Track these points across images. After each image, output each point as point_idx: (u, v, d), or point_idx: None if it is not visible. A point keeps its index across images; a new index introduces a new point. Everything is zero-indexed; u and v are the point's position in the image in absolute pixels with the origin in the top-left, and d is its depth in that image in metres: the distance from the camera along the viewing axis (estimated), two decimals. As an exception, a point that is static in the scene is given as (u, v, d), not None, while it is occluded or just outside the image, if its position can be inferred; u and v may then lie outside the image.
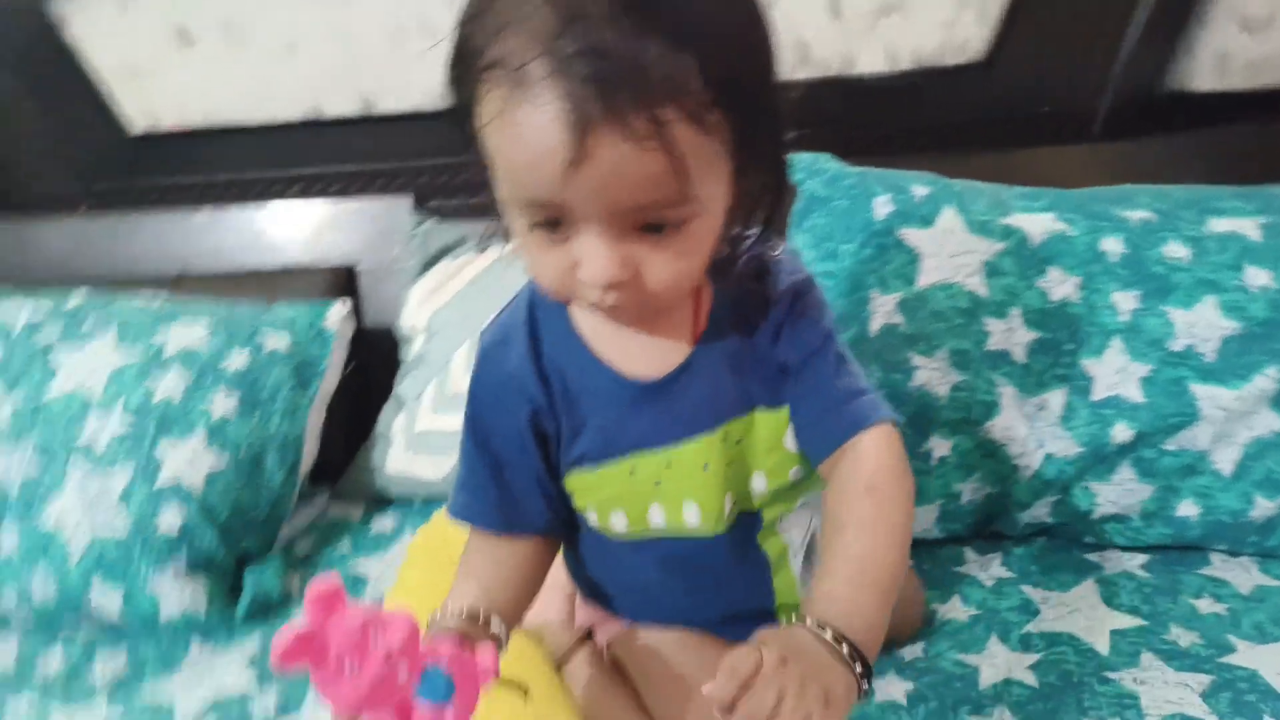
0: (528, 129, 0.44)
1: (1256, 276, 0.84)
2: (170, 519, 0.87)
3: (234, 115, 1.31)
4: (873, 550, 0.53)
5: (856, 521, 0.54)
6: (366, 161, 1.35)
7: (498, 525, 0.60)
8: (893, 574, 0.53)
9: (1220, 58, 1.21)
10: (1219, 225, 0.87)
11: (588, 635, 0.71)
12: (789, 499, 0.63)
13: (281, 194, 1.34)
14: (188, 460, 0.90)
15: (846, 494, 0.56)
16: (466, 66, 0.46)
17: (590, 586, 0.70)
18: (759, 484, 0.61)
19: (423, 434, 1.06)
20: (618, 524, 0.61)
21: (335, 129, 1.32)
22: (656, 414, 0.58)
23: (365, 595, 0.90)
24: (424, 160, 1.34)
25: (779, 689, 0.43)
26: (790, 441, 0.60)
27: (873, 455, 0.56)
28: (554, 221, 0.47)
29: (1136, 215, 0.89)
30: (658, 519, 0.61)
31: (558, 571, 0.75)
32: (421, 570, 0.81)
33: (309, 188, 1.35)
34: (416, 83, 1.27)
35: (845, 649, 0.47)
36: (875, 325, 0.89)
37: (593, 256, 0.47)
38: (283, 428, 0.98)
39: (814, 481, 0.63)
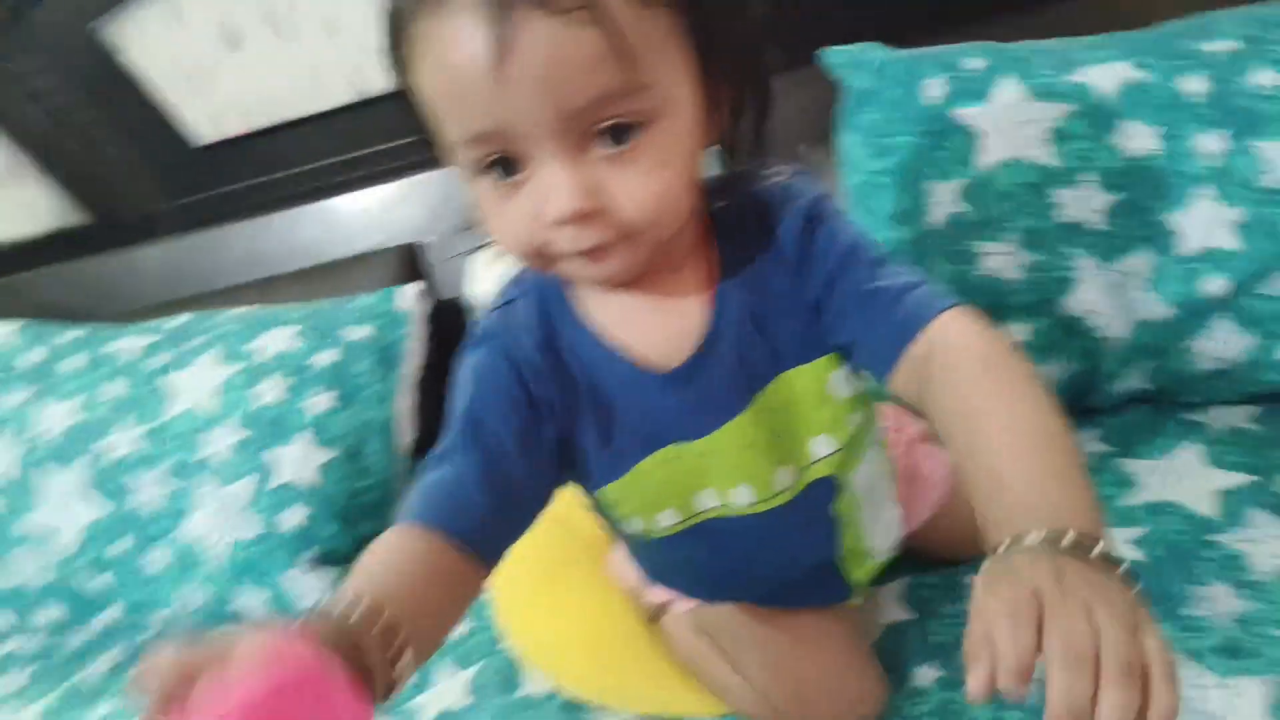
0: (448, 45, 0.41)
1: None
2: (294, 517, 0.95)
3: (291, 109, 1.34)
4: (1036, 422, 0.40)
5: (994, 403, 0.42)
6: (416, 135, 1.37)
7: (473, 539, 0.46)
8: (1069, 439, 0.40)
9: None
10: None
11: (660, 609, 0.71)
12: (857, 451, 0.58)
13: (351, 179, 1.39)
14: (299, 458, 0.97)
15: (960, 385, 0.43)
16: (396, 32, 0.44)
17: (651, 574, 0.68)
18: (821, 447, 0.55)
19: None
20: (665, 520, 0.57)
21: (384, 106, 1.35)
22: (685, 402, 0.53)
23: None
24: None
25: (1074, 627, 0.31)
26: (839, 388, 0.54)
27: (966, 335, 0.45)
28: (505, 162, 0.43)
29: (1221, 47, 0.80)
30: (710, 501, 0.56)
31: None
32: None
33: (374, 168, 1.39)
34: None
35: (1097, 550, 0.34)
36: (938, 217, 0.85)
37: (553, 186, 0.43)
38: (378, 414, 1.04)
39: (871, 421, 0.60)
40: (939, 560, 0.73)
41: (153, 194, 1.46)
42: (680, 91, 0.44)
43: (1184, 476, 0.76)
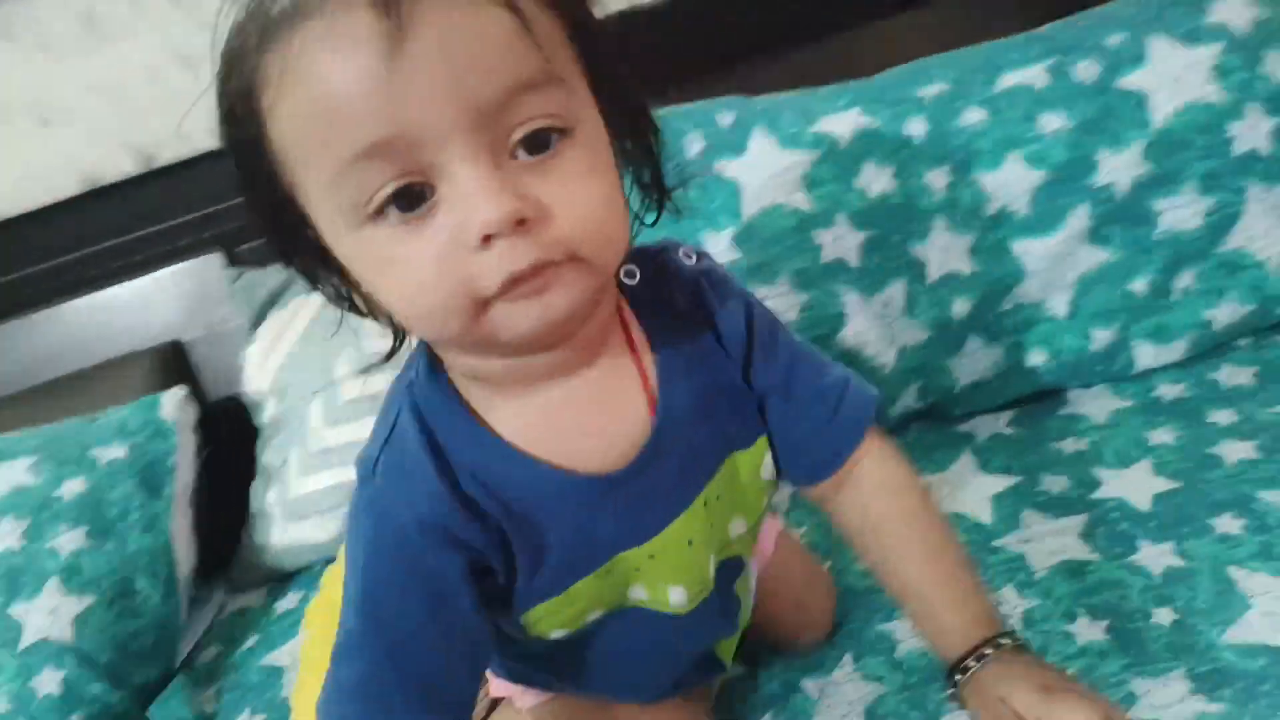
0: (322, 51, 0.34)
1: (1050, 122, 0.85)
2: (49, 681, 0.81)
3: (4, 207, 1.18)
4: (947, 550, 0.52)
5: (909, 534, 0.52)
6: (161, 221, 1.25)
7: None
8: (964, 553, 0.53)
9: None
10: (1009, 80, 0.88)
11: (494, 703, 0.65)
12: (756, 529, 0.55)
13: (81, 279, 1.24)
14: (49, 612, 0.83)
15: (878, 516, 0.52)
16: (242, 72, 0.37)
17: (514, 669, 0.60)
18: (737, 528, 0.52)
19: (300, 499, 1.01)
20: (590, 619, 0.50)
21: (119, 194, 1.22)
22: (629, 507, 0.46)
23: (283, 687, 0.87)
24: (224, 204, 1.25)
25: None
26: (767, 470, 0.52)
27: (883, 463, 0.53)
28: (405, 193, 0.35)
29: (932, 90, 0.89)
30: (638, 594, 0.50)
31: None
32: (319, 641, 0.78)
33: (110, 264, 1.25)
34: (194, 123, 1.17)
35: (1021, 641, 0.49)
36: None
37: (474, 193, 0.35)
38: (145, 543, 0.92)
39: None
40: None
41: None
42: (588, 104, 0.39)
43: (960, 486, 0.82)
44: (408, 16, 0.33)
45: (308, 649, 0.82)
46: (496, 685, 0.64)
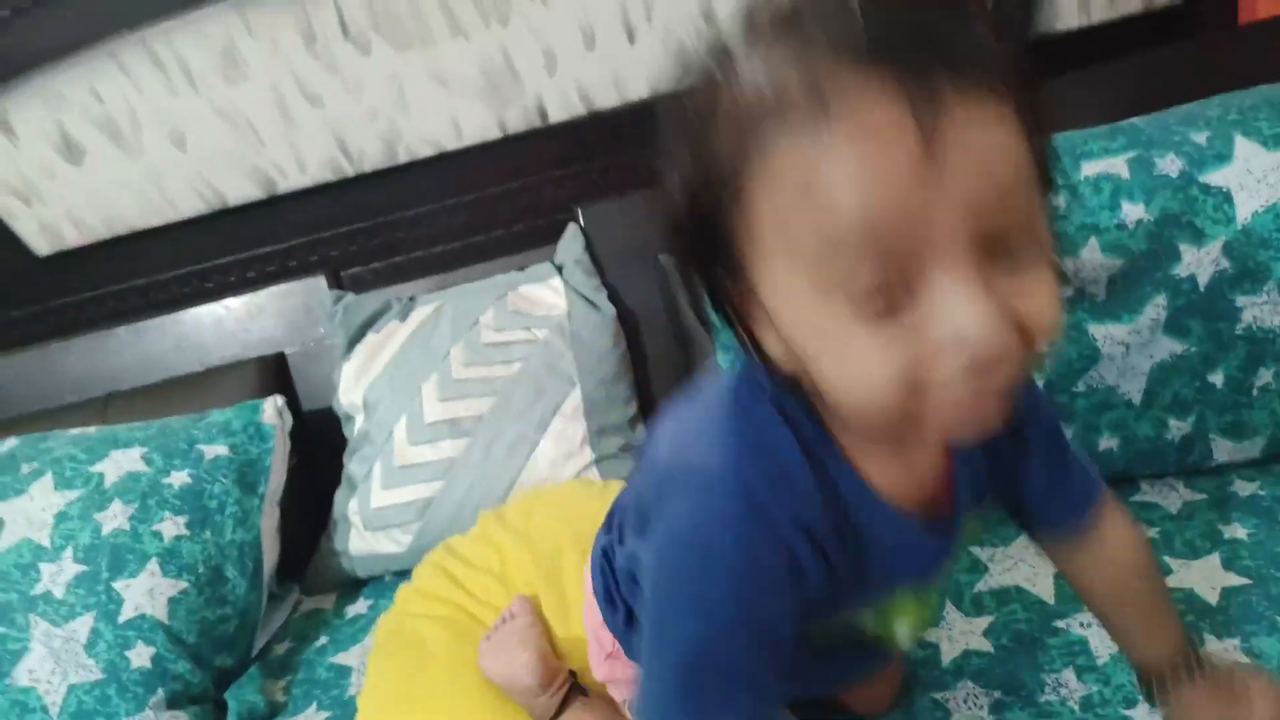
0: (857, 135, 0.33)
1: (1131, 211, 0.87)
2: (140, 654, 0.87)
3: (136, 220, 1.30)
4: (1162, 597, 0.61)
5: (1149, 581, 0.60)
6: (276, 242, 1.35)
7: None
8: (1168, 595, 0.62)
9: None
10: (1091, 169, 0.90)
11: (569, 690, 0.71)
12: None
13: (200, 290, 1.34)
14: (147, 591, 0.90)
15: (1135, 561, 0.59)
16: (715, 124, 0.37)
17: None
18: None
19: (379, 510, 1.07)
20: (871, 630, 0.54)
21: (240, 215, 1.33)
22: (930, 550, 0.49)
23: (350, 687, 0.91)
24: (334, 230, 1.34)
25: None
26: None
27: (1121, 524, 0.59)
28: (885, 288, 0.34)
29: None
30: (867, 625, 0.53)
31: (526, 633, 0.77)
32: (388, 659, 0.83)
33: (226, 279, 1.35)
34: (312, 154, 1.27)
35: None
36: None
37: (962, 305, 0.33)
38: (237, 536, 0.98)
39: None
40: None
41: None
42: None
43: (1023, 561, 0.82)
44: (943, 123, 0.32)
45: (374, 658, 0.86)
46: (604, 669, 0.64)
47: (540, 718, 0.71)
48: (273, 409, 1.10)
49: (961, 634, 0.77)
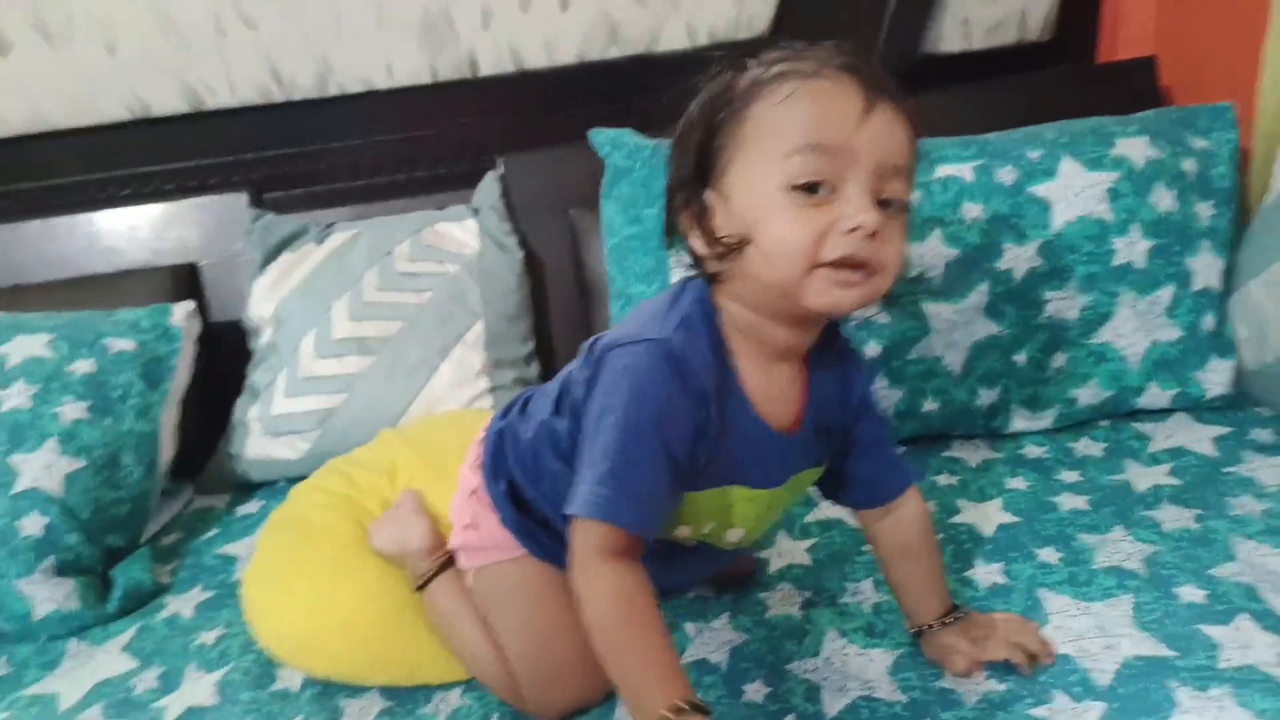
0: (830, 92, 0.56)
1: (970, 210, 1.02)
2: (33, 524, 0.92)
3: (59, 119, 1.31)
4: (938, 566, 0.76)
5: (923, 559, 0.75)
6: (199, 158, 1.38)
7: (646, 532, 0.60)
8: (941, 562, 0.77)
9: (963, 23, 1.40)
10: (943, 171, 1.04)
11: (447, 562, 0.81)
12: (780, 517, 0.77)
13: (115, 196, 1.36)
14: (44, 466, 0.95)
15: (919, 536, 0.74)
16: (730, 96, 0.58)
17: (524, 524, 0.74)
18: (778, 516, 0.74)
19: (279, 417, 1.13)
20: (682, 533, 0.68)
21: (165, 126, 1.35)
22: (773, 461, 0.66)
23: (236, 571, 0.98)
24: (258, 153, 1.38)
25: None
26: (810, 486, 0.74)
27: (917, 508, 0.75)
28: (814, 187, 0.55)
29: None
30: (706, 529, 0.69)
31: (418, 508, 0.86)
32: (277, 533, 0.90)
33: (143, 188, 1.37)
34: (243, 75, 1.31)
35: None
36: (673, 278, 1.03)
37: (862, 207, 0.55)
38: (137, 427, 1.03)
39: None
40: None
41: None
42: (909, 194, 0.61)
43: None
44: (878, 105, 0.56)
45: (262, 538, 0.93)
46: (483, 532, 0.77)
47: (418, 578, 0.80)
48: (183, 313, 1.14)
49: (788, 551, 0.91)
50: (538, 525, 0.74)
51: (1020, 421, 1.04)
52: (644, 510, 0.59)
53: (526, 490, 0.74)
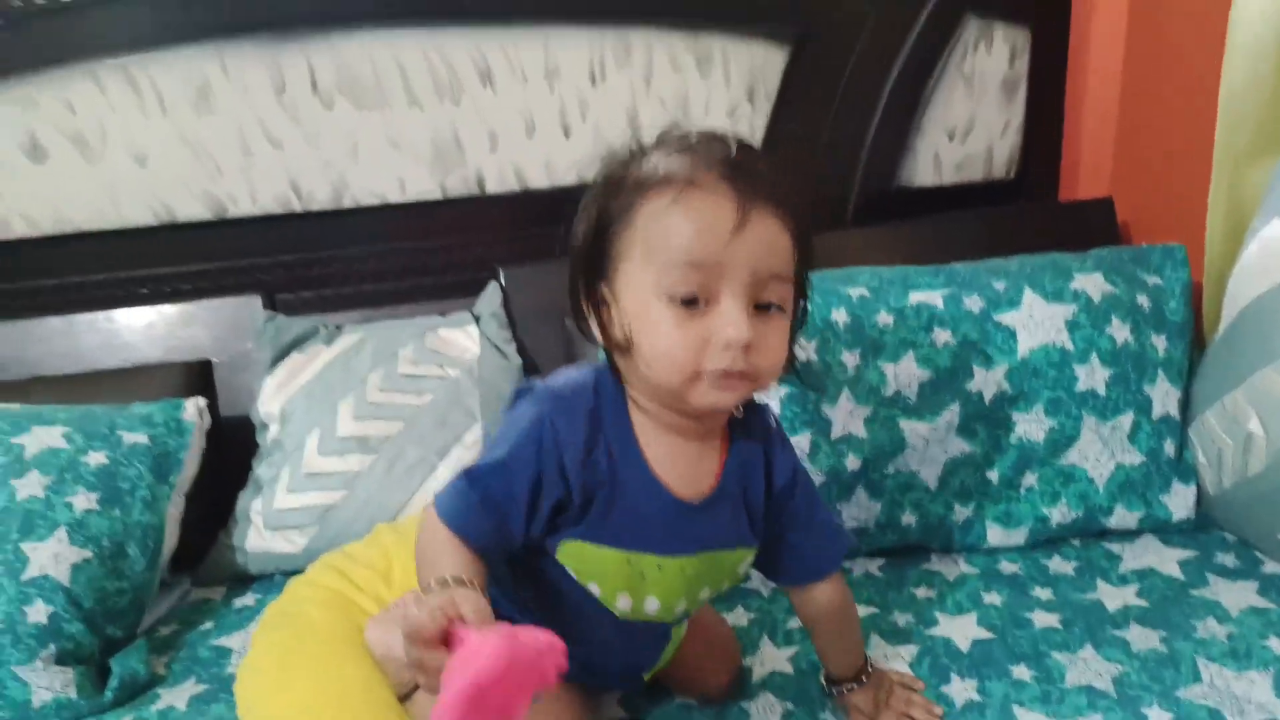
0: (703, 207, 0.60)
1: (941, 335, 1.10)
2: (38, 612, 0.94)
3: (84, 222, 1.38)
4: (857, 636, 0.85)
5: (843, 630, 0.83)
6: (218, 260, 1.45)
7: (482, 547, 0.65)
8: (859, 630, 0.86)
9: (934, 159, 1.52)
10: (916, 297, 1.13)
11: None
12: (709, 600, 0.80)
13: (135, 294, 1.42)
14: (52, 555, 0.97)
15: (841, 608, 0.82)
16: (622, 188, 0.63)
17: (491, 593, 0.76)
18: (704, 594, 0.77)
19: (280, 512, 1.17)
20: (621, 604, 0.71)
21: (188, 231, 1.43)
22: (678, 528, 0.70)
23: (230, 665, 1.00)
24: (274, 258, 1.46)
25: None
26: (744, 569, 0.77)
27: (838, 590, 0.81)
28: (692, 300, 0.60)
29: (856, 291, 1.13)
30: (621, 598, 0.71)
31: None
32: (272, 632, 0.92)
33: (162, 288, 1.44)
34: (265, 188, 1.40)
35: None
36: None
37: (734, 319, 0.60)
38: (143, 518, 1.07)
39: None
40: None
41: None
42: (791, 296, 0.66)
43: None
44: (750, 218, 0.61)
45: (257, 634, 0.95)
46: None
47: (401, 688, 0.82)
48: (194, 408, 1.19)
49: (770, 659, 0.94)
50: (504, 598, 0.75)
51: (995, 537, 1.09)
52: (481, 519, 0.64)
53: (498, 601, 0.75)
